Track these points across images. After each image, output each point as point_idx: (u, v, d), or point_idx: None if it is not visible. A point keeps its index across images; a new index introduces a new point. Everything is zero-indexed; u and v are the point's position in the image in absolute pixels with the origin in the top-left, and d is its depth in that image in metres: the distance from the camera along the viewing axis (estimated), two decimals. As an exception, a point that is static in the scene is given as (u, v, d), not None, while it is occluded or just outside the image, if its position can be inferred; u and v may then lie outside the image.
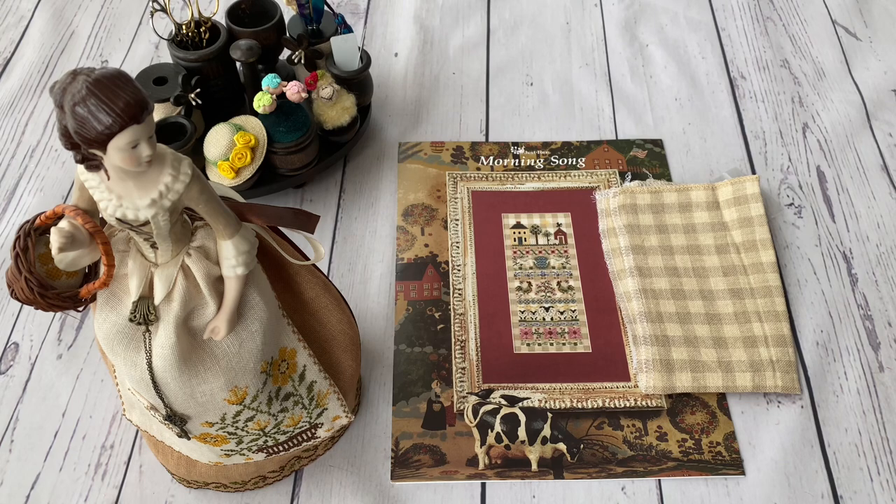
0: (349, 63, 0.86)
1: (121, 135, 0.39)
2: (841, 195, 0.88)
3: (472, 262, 0.81)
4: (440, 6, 1.10)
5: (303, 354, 0.57)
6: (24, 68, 1.02)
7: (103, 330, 0.49)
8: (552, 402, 0.72)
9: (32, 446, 0.70)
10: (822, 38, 1.05)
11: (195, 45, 0.84)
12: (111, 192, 0.44)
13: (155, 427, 0.60)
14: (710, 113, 0.96)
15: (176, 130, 0.79)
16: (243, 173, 0.78)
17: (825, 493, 0.67)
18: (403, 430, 0.70)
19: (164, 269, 0.48)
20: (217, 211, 0.47)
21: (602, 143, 0.92)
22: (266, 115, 0.79)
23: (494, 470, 0.68)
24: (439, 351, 0.75)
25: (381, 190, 0.88)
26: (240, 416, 0.55)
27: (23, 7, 1.10)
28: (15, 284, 0.45)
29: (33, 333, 0.77)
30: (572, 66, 1.02)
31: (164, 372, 0.50)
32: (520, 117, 0.96)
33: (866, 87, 0.98)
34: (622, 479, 0.68)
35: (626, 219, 0.82)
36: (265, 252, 0.54)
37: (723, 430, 0.70)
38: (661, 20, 1.08)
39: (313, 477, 0.68)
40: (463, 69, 1.02)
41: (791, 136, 0.94)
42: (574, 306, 0.78)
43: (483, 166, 0.90)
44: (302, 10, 0.85)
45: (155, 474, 0.68)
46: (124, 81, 0.39)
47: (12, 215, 0.86)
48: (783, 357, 0.73)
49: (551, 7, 1.10)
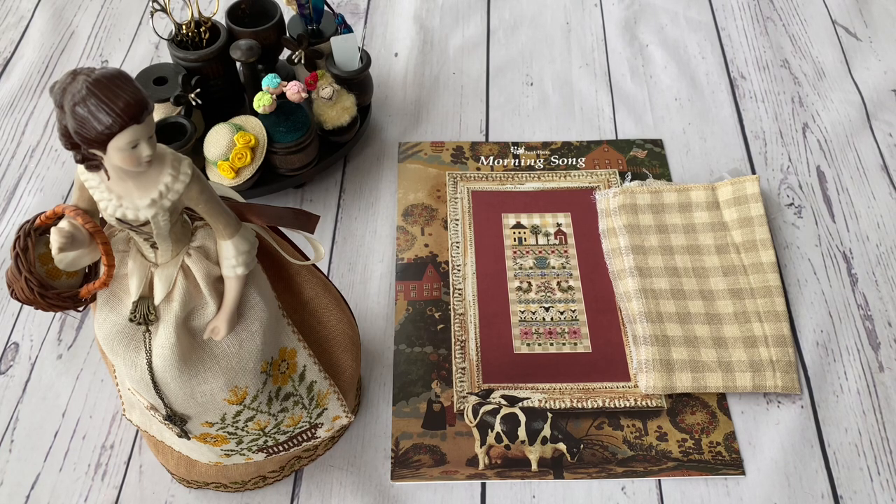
0: (349, 63, 0.86)
1: (121, 135, 0.39)
2: (841, 195, 0.88)
3: (472, 262, 0.81)
4: (440, 6, 1.10)
5: (303, 354, 0.57)
6: (24, 68, 1.02)
7: (103, 330, 0.49)
8: (552, 402, 0.72)
9: (32, 446, 0.70)
10: (822, 38, 1.05)
11: (195, 45, 0.84)
12: (111, 192, 0.44)
13: (155, 427, 0.60)
14: (710, 113, 0.96)
15: (176, 130, 0.79)
16: (243, 173, 0.78)
17: (825, 493, 0.67)
18: (403, 430, 0.70)
19: (164, 269, 0.48)
20: (217, 211, 0.47)
21: (602, 143, 0.92)
22: (266, 115, 0.79)
23: (494, 470, 0.68)
24: (439, 351, 0.75)
25: (381, 190, 0.88)
26: (240, 416, 0.55)
27: (23, 7, 1.10)
28: (15, 284, 0.45)
29: (33, 333, 0.77)
30: (572, 66, 1.02)
31: (164, 372, 0.50)
32: (520, 117, 0.96)
33: (866, 87, 0.98)
34: (622, 479, 0.68)
35: (626, 219, 0.82)
36: (265, 252, 0.54)
37: (723, 430, 0.70)
38: (661, 20, 1.08)
39: (313, 477, 0.68)
40: (463, 69, 1.02)
41: (791, 136, 0.94)
42: (574, 306, 0.78)
43: (483, 166, 0.90)
44: (302, 10, 0.85)
45: (155, 474, 0.68)
46: (124, 81, 0.39)
47: (12, 215, 0.86)
48: (783, 357, 0.73)
49: (551, 7, 1.10)
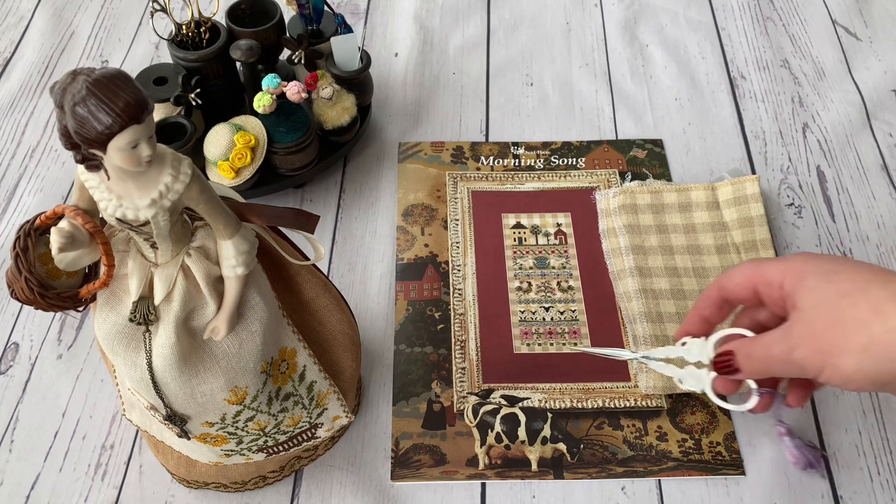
0: (349, 63, 0.86)
1: (121, 135, 0.39)
2: (841, 195, 0.88)
3: (472, 262, 0.81)
4: (440, 6, 1.10)
5: (303, 354, 0.57)
6: (24, 68, 1.02)
7: (103, 330, 0.49)
8: (552, 402, 0.72)
9: (32, 446, 0.70)
10: (822, 38, 1.05)
11: (195, 45, 0.84)
12: (111, 192, 0.44)
13: (155, 427, 0.60)
14: (710, 113, 0.96)
15: (176, 130, 0.79)
16: (243, 173, 0.78)
17: (825, 493, 0.67)
18: (403, 430, 0.70)
19: (164, 269, 0.48)
20: (217, 211, 0.47)
21: (602, 143, 0.92)
22: (266, 115, 0.79)
23: (494, 470, 0.68)
24: (439, 351, 0.75)
25: (381, 190, 0.88)
26: (240, 416, 0.55)
27: (23, 7, 1.10)
28: (15, 284, 0.45)
29: (33, 333, 0.77)
30: (572, 66, 1.02)
31: (164, 372, 0.50)
32: (520, 117, 0.96)
33: (866, 87, 0.98)
34: (622, 479, 0.68)
35: (626, 219, 0.82)
36: (265, 252, 0.54)
37: (723, 430, 0.70)
38: (661, 20, 1.08)
39: (313, 477, 0.68)
40: (463, 69, 1.02)
41: (791, 136, 0.94)
42: (574, 306, 0.78)
43: (483, 166, 0.90)
44: (302, 10, 0.85)
45: (155, 474, 0.68)
46: (124, 81, 0.39)
47: (12, 215, 0.86)
48: (783, 357, 0.73)
49: (551, 7, 1.10)
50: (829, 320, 0.46)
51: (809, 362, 0.47)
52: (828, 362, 0.46)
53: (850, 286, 0.46)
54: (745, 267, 0.53)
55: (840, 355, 0.45)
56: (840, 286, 0.46)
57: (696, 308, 0.57)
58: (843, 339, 0.45)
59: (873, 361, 0.44)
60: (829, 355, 0.46)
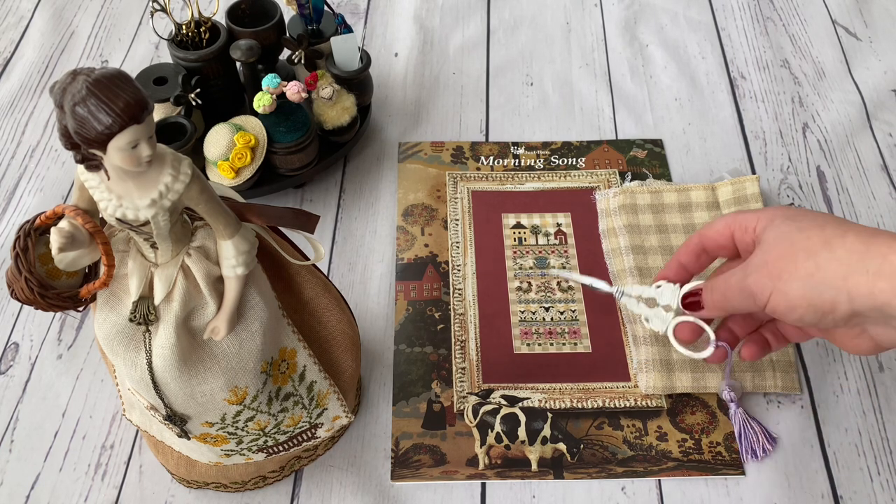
0: (349, 63, 0.86)
1: (121, 135, 0.39)
2: (841, 195, 0.88)
3: (472, 262, 0.81)
4: (440, 6, 1.10)
5: (303, 354, 0.57)
6: (24, 68, 1.02)
7: (103, 330, 0.49)
8: (552, 402, 0.72)
9: (32, 446, 0.70)
10: (822, 38, 1.05)
11: (195, 45, 0.84)
12: (111, 192, 0.44)
13: (155, 427, 0.60)
14: (710, 113, 0.96)
15: (176, 130, 0.79)
16: (243, 173, 0.78)
17: (825, 493, 0.67)
18: (403, 430, 0.70)
19: (164, 269, 0.48)
20: (217, 211, 0.47)
21: (602, 143, 0.92)
22: (266, 115, 0.79)
23: (494, 470, 0.68)
24: (439, 351, 0.75)
25: (381, 190, 0.88)
26: (240, 416, 0.55)
27: (23, 7, 1.10)
28: (15, 284, 0.45)
29: (33, 333, 0.77)
30: (572, 66, 1.02)
31: (164, 372, 0.50)
32: (520, 117, 0.96)
33: (866, 87, 0.98)
34: (622, 479, 0.68)
35: (626, 219, 0.82)
36: (265, 252, 0.54)
37: (723, 430, 0.70)
38: (661, 20, 1.08)
39: (313, 477, 0.68)
40: (463, 69, 1.02)
41: (791, 136, 0.94)
42: (574, 306, 0.78)
43: (483, 166, 0.90)
44: (302, 10, 0.85)
45: (155, 474, 0.68)
46: (124, 81, 0.39)
47: (12, 215, 0.86)
48: (783, 357, 0.73)
49: (551, 7, 1.10)
50: (782, 249, 0.49)
51: (759, 287, 0.50)
52: (776, 287, 0.49)
53: (808, 223, 0.50)
54: (726, 216, 0.57)
55: (788, 281, 0.48)
56: (800, 223, 0.50)
57: (676, 255, 0.61)
58: (793, 265, 0.48)
59: (817, 288, 0.47)
60: (777, 280, 0.49)
